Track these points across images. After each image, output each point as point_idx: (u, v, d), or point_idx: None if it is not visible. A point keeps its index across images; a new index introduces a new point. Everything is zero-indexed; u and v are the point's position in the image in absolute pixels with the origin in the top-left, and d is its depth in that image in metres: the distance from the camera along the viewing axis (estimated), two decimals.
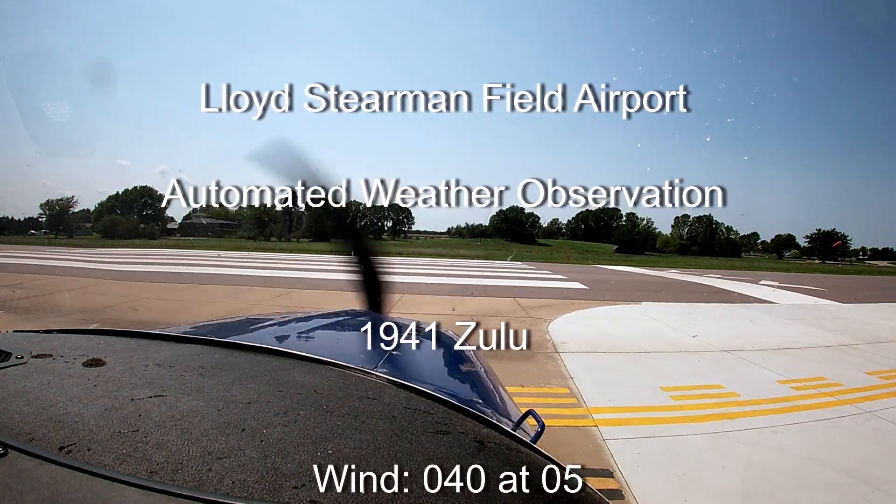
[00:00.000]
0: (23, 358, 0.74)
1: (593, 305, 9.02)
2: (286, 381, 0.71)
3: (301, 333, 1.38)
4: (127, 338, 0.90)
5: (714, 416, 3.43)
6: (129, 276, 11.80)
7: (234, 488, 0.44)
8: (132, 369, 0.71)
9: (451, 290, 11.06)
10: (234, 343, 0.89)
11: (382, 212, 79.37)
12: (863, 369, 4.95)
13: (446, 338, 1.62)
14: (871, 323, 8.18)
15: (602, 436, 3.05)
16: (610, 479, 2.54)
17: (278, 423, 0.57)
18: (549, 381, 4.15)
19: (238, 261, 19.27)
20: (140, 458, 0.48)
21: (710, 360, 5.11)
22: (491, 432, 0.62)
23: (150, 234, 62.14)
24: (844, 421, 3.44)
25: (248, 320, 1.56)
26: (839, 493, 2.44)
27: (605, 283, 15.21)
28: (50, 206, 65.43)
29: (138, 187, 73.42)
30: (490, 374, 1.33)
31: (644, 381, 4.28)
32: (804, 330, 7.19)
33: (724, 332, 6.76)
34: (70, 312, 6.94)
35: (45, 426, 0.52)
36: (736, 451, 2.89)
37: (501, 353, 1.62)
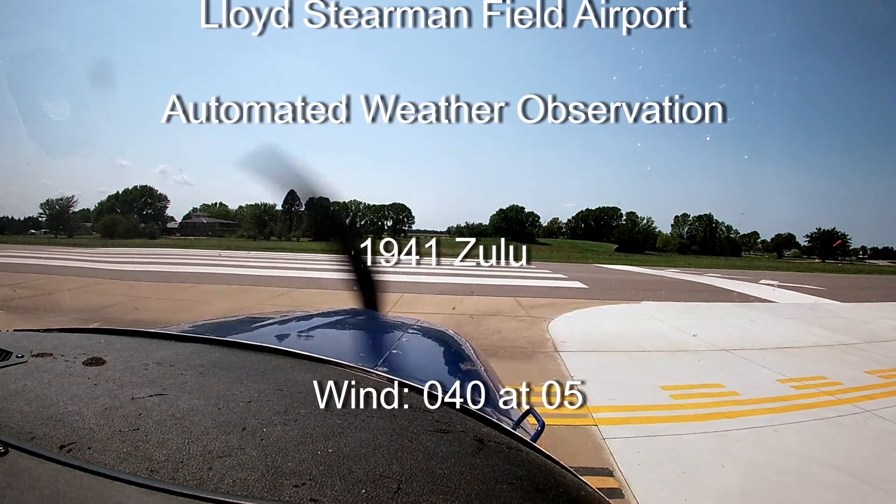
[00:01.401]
0: (23, 357, 0.74)
1: (593, 305, 9.03)
2: (286, 379, 0.71)
3: (301, 332, 1.38)
4: (127, 337, 0.90)
5: (714, 416, 3.43)
6: (129, 275, 11.80)
7: (235, 487, 0.44)
8: (132, 368, 0.71)
9: (451, 289, 11.07)
10: (234, 342, 0.89)
11: (382, 211, 79.44)
12: (862, 368, 4.95)
13: (446, 336, 1.62)
14: (871, 322, 8.18)
15: (602, 435, 3.05)
16: (610, 478, 2.54)
17: (278, 422, 0.57)
18: (548, 379, 4.15)
19: (238, 260, 19.27)
20: (140, 456, 0.48)
21: (710, 360, 5.11)
22: (491, 431, 0.62)
23: (150, 233, 62.18)
24: (844, 420, 3.44)
25: (249, 319, 1.56)
26: (839, 493, 2.44)
27: (606, 282, 15.22)
28: (50, 206, 65.50)
29: (138, 187, 73.58)
30: (490, 373, 1.33)
31: (644, 380, 4.28)
32: (804, 329, 7.19)
33: (724, 331, 6.76)
34: (70, 312, 6.95)
35: (46, 425, 0.53)
36: (736, 450, 2.89)
37: (501, 352, 1.62)
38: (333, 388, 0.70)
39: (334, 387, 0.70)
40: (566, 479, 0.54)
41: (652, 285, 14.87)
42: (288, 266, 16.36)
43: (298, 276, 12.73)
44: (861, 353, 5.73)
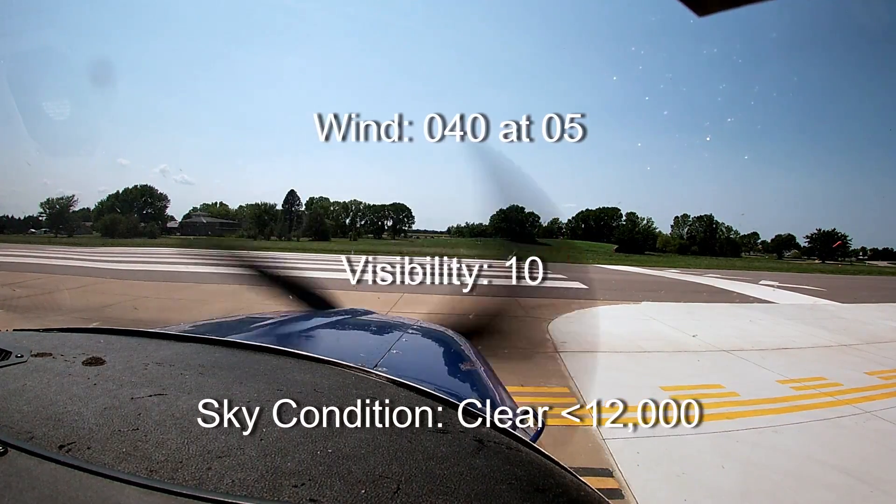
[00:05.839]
0: (23, 357, 0.73)
1: (593, 305, 9.02)
2: (286, 379, 0.71)
3: (301, 332, 1.38)
4: (127, 337, 0.90)
5: (714, 416, 3.43)
6: (129, 274, 11.80)
7: (234, 487, 0.44)
8: (132, 368, 0.71)
9: (451, 289, 11.05)
10: (233, 342, 0.89)
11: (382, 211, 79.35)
12: (862, 369, 4.95)
13: (446, 336, 1.62)
14: (871, 323, 8.18)
15: (602, 435, 3.05)
16: (609, 478, 2.54)
17: (278, 422, 0.57)
18: (548, 380, 4.16)
19: None
20: (140, 456, 0.48)
21: (710, 360, 5.12)
22: (491, 431, 0.62)
23: (150, 233, 62.18)
24: (844, 421, 3.44)
25: (248, 319, 1.56)
26: (839, 493, 2.44)
27: (605, 282, 15.20)
28: (50, 205, 65.47)
29: (138, 186, 73.47)
30: (490, 373, 1.33)
31: (644, 380, 4.28)
32: (804, 330, 7.19)
33: (723, 331, 6.76)
34: (70, 311, 6.94)
35: (45, 425, 0.52)
36: (735, 450, 2.89)
37: (501, 352, 1.62)
38: (333, 389, 0.69)
39: (334, 387, 0.70)
40: (566, 480, 0.54)
41: (652, 286, 14.86)
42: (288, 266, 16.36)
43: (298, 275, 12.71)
44: (861, 354, 5.73)
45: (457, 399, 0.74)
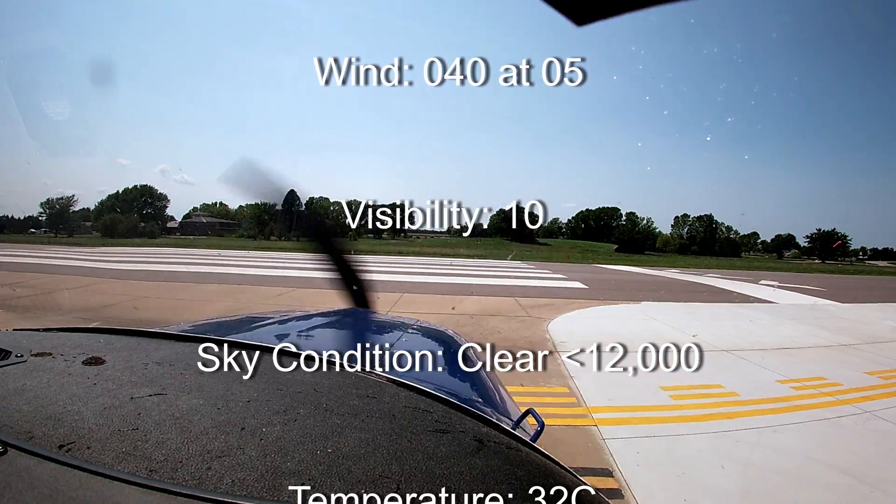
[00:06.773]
0: (22, 356, 0.73)
1: (593, 305, 9.03)
2: (286, 379, 0.71)
3: (301, 332, 1.38)
4: (127, 336, 0.90)
5: (714, 416, 3.43)
6: (129, 274, 11.80)
7: (234, 487, 0.44)
8: (132, 368, 0.71)
9: (451, 289, 11.06)
10: (234, 342, 0.89)
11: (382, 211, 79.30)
12: (862, 369, 4.95)
13: (446, 336, 1.62)
14: (871, 323, 8.18)
15: (602, 435, 3.05)
16: (609, 478, 2.54)
17: (278, 422, 0.57)
18: (548, 380, 4.16)
19: (239, 260, 19.26)
20: (139, 456, 0.48)
21: (710, 360, 5.11)
22: (490, 431, 0.62)
23: (150, 232, 62.24)
24: (844, 421, 3.44)
25: (248, 319, 1.56)
26: (839, 493, 2.44)
27: (606, 282, 15.21)
28: (50, 205, 65.55)
29: (138, 186, 73.55)
30: (490, 373, 1.33)
31: (644, 380, 4.28)
32: (804, 330, 7.19)
33: (723, 331, 6.76)
34: (70, 311, 6.94)
35: (45, 424, 0.52)
36: (735, 450, 2.89)
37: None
38: (333, 388, 0.69)
39: (334, 387, 0.70)
40: (566, 480, 0.54)
41: (652, 286, 14.87)
42: (288, 266, 16.34)
43: (298, 275, 12.72)
44: (861, 353, 5.73)
45: (457, 399, 0.74)
